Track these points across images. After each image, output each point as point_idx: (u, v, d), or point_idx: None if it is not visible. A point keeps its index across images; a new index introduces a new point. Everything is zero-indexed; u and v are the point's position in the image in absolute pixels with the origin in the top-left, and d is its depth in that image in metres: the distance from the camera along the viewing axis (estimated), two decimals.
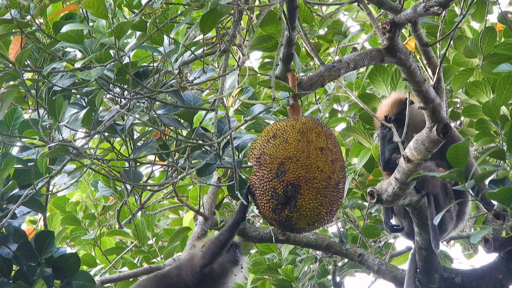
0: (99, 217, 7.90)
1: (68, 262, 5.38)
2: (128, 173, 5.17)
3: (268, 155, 4.78)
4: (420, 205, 6.43)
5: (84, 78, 4.33)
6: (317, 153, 4.77)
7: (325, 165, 4.78)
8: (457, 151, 4.28)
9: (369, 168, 7.31)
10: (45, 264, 5.34)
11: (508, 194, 4.22)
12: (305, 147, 4.77)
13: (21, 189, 5.33)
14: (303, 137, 4.78)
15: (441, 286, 6.85)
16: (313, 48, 5.61)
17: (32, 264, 5.30)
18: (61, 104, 4.67)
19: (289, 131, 4.80)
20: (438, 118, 5.62)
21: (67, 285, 5.35)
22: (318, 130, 4.84)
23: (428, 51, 5.56)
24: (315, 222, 4.82)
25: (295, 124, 4.83)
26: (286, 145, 4.77)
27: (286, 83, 4.94)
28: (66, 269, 5.37)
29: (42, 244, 5.38)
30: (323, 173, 4.77)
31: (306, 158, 4.75)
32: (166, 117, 5.13)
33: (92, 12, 4.26)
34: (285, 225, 4.82)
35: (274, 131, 4.83)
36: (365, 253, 7.10)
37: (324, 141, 4.82)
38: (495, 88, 7.06)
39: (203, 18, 4.03)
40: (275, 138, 4.80)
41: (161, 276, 5.34)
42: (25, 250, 5.32)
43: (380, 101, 7.23)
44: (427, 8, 4.97)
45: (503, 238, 6.58)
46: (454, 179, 4.33)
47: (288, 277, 7.67)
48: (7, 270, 5.33)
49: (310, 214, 4.77)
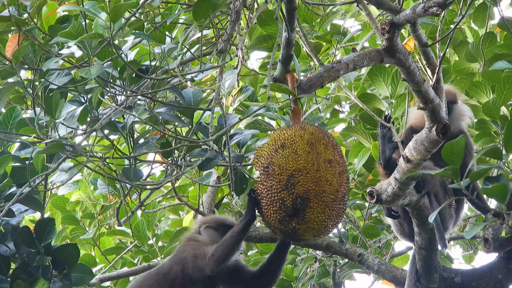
0: (98, 216, 7.90)
1: (67, 253, 5.36)
2: (128, 171, 5.16)
3: (277, 166, 4.74)
4: (420, 205, 6.43)
5: (83, 76, 4.32)
6: (326, 166, 4.76)
7: (334, 178, 4.77)
8: (452, 148, 4.27)
9: (368, 168, 7.31)
10: (45, 253, 5.32)
11: (503, 190, 4.19)
12: (314, 159, 4.74)
13: (18, 187, 5.32)
14: (312, 148, 4.76)
15: (441, 286, 6.84)
16: (312, 49, 5.61)
17: (32, 251, 5.28)
18: (58, 102, 4.66)
19: (298, 142, 4.77)
20: (437, 118, 5.62)
21: (66, 277, 5.31)
22: (325, 141, 4.81)
23: (427, 51, 5.56)
24: (320, 234, 4.82)
25: (303, 134, 4.79)
26: (295, 156, 4.74)
27: (285, 84, 4.94)
28: (65, 261, 5.34)
29: (43, 231, 5.35)
30: (332, 186, 4.76)
31: (316, 171, 4.73)
32: (167, 114, 5.12)
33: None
34: (290, 236, 4.81)
35: (282, 140, 4.79)
36: (365, 253, 7.10)
37: (332, 153, 4.80)
38: (495, 88, 7.06)
39: (196, 5, 3.99)
40: (283, 148, 4.76)
41: (163, 274, 5.19)
42: (25, 237, 5.30)
43: (380, 101, 7.23)
44: (426, 9, 4.96)
45: (502, 238, 6.56)
46: (449, 177, 4.31)
47: (288, 276, 7.68)
48: (5, 268, 5.32)
49: (318, 227, 4.76)
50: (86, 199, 7.83)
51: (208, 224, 5.27)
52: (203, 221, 5.33)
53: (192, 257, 5.14)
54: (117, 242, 7.90)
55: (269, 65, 4.71)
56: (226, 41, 4.49)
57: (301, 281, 7.71)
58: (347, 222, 7.71)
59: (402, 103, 7.15)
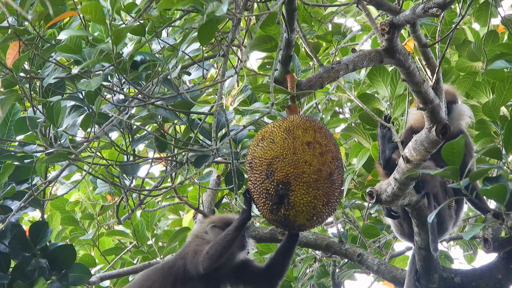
0: (97, 217, 7.90)
1: (64, 254, 5.35)
2: (125, 167, 5.17)
3: (257, 158, 4.76)
4: (419, 205, 6.43)
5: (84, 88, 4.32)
6: (304, 148, 4.73)
7: (314, 158, 4.73)
8: (452, 148, 4.26)
9: (368, 168, 7.31)
10: (41, 255, 5.31)
11: (503, 191, 4.18)
12: (291, 144, 4.73)
13: (17, 184, 5.32)
14: (289, 134, 4.75)
15: (441, 286, 6.84)
16: (312, 50, 5.60)
17: (26, 255, 5.28)
18: (59, 110, 4.67)
19: (275, 131, 4.78)
20: (437, 119, 5.61)
21: (64, 277, 5.31)
22: (305, 126, 4.79)
23: (427, 52, 5.55)
24: (313, 216, 4.77)
25: (282, 123, 4.80)
26: (272, 145, 4.75)
27: (285, 85, 4.93)
28: (62, 261, 5.34)
29: (37, 234, 5.35)
30: (312, 166, 4.72)
31: (292, 155, 4.71)
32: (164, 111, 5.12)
33: (89, 17, 4.25)
34: (285, 224, 4.79)
35: (262, 134, 4.81)
36: (364, 253, 7.09)
37: (312, 135, 4.77)
38: (495, 88, 7.06)
39: (201, 29, 4.00)
40: (263, 141, 4.78)
41: (168, 268, 5.23)
42: (19, 240, 5.29)
43: (380, 101, 7.23)
44: (426, 10, 4.96)
45: (502, 238, 6.56)
46: (448, 177, 4.30)
47: (288, 277, 7.68)
48: (5, 265, 5.31)
49: (306, 209, 4.73)
50: (85, 199, 7.82)
51: (215, 223, 5.30)
52: (210, 221, 5.35)
53: (193, 252, 5.17)
54: (116, 242, 7.89)
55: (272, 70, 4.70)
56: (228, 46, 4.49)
57: (300, 281, 7.71)
58: (347, 222, 7.71)
59: (401, 103, 7.15)
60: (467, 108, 6.86)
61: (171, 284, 5.19)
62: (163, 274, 5.23)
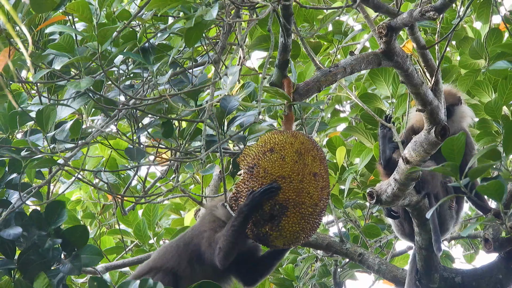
0: (98, 216, 7.91)
1: (77, 234, 5.30)
2: (131, 151, 5.17)
3: (262, 168, 4.73)
4: (420, 205, 6.43)
5: (74, 88, 4.33)
6: (311, 178, 4.73)
7: (315, 191, 4.74)
8: (452, 145, 4.24)
9: (370, 168, 7.30)
10: (55, 235, 5.30)
11: (500, 188, 4.17)
12: (300, 169, 4.73)
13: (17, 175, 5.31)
14: (300, 158, 4.74)
15: (441, 286, 6.84)
16: (311, 51, 5.59)
17: (43, 233, 5.27)
18: (49, 115, 4.67)
19: (287, 149, 4.75)
20: (436, 120, 5.61)
21: (76, 258, 5.24)
22: (314, 153, 4.79)
23: (425, 53, 5.54)
24: (290, 244, 4.81)
25: (293, 142, 4.77)
26: (282, 163, 4.73)
27: (282, 89, 4.92)
28: (75, 242, 5.30)
29: (53, 214, 5.29)
30: (312, 199, 4.74)
31: (299, 182, 4.71)
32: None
33: (76, 15, 4.25)
34: (260, 240, 4.80)
35: (272, 144, 4.77)
36: (365, 252, 7.09)
37: (318, 167, 4.77)
38: (497, 88, 7.04)
39: (188, 32, 4.02)
40: (272, 152, 4.74)
41: (183, 246, 5.25)
42: (35, 219, 5.28)
43: (381, 101, 7.22)
44: (423, 13, 4.94)
45: (502, 238, 6.56)
46: (448, 174, 4.30)
47: (289, 276, 7.68)
48: (10, 252, 5.30)
49: (290, 237, 4.74)
50: (86, 198, 7.84)
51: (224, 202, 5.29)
52: (221, 198, 5.35)
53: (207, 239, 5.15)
54: (118, 241, 7.91)
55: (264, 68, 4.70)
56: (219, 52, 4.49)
57: (302, 281, 7.72)
58: (348, 221, 7.70)
59: (403, 103, 7.14)
60: (469, 110, 6.85)
61: (187, 261, 5.22)
62: (179, 251, 5.26)
